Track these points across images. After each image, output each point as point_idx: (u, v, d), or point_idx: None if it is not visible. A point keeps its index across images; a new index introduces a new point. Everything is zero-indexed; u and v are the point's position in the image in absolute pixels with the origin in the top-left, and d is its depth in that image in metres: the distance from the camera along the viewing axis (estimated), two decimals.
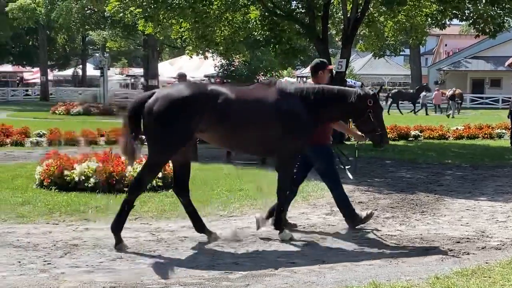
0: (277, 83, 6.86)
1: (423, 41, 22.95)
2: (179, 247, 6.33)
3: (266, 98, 6.54)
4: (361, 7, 17.15)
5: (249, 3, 17.28)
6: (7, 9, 39.40)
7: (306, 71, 53.21)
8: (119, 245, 6.21)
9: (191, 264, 5.75)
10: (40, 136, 17.18)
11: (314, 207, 8.57)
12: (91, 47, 58.73)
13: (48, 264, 5.62)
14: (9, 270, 5.37)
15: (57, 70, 65.64)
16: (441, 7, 17.34)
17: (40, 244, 6.28)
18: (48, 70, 54.27)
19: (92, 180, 9.14)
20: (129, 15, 16.19)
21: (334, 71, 17.31)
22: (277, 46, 18.59)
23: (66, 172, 9.28)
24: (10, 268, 5.45)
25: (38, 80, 61.37)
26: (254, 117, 6.44)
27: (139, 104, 6.33)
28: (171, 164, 9.82)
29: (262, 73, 37.30)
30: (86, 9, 34.66)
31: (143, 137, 6.52)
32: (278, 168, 6.89)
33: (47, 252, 6.01)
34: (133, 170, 9.37)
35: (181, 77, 13.96)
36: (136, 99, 6.56)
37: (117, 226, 6.30)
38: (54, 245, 6.29)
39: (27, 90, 55.71)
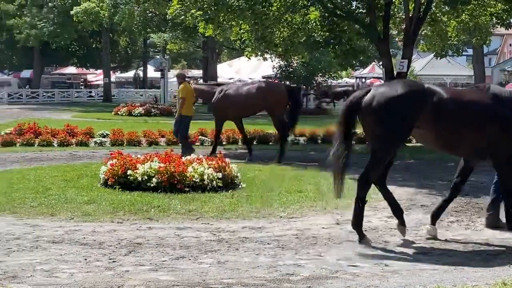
0: (490, 87, 6.92)
1: (487, 41, 22.34)
2: (240, 248, 6.36)
3: (482, 101, 6.63)
4: (423, 7, 16.84)
5: (308, 4, 17.22)
6: (72, 12, 40.50)
7: (365, 71, 52.65)
8: (363, 240, 6.51)
9: (252, 265, 5.76)
10: (104, 137, 17.57)
11: (375, 210, 8.45)
12: (152, 50, 59.79)
13: (113, 262, 5.74)
14: (76, 267, 5.52)
15: (119, 72, 67.18)
16: (507, 6, 16.83)
17: (105, 242, 6.43)
18: (111, 72, 55.53)
19: (154, 180, 9.30)
20: (190, 17, 16.38)
21: (395, 72, 17.10)
22: (336, 47, 18.46)
23: (129, 172, 9.47)
24: (77, 265, 5.60)
25: (101, 82, 62.90)
26: (471, 118, 6.54)
27: (356, 102, 6.60)
28: (231, 165, 9.98)
29: (320, 74, 37.05)
30: (147, 12, 35.27)
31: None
32: (498, 169, 6.90)
33: (112, 250, 6.14)
34: (193, 170, 9.53)
35: (179, 76, 14.24)
36: (352, 98, 6.75)
37: (357, 224, 6.59)
38: (119, 243, 6.42)
39: (90, 92, 57.12)
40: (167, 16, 21.00)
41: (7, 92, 47.81)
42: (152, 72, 61.92)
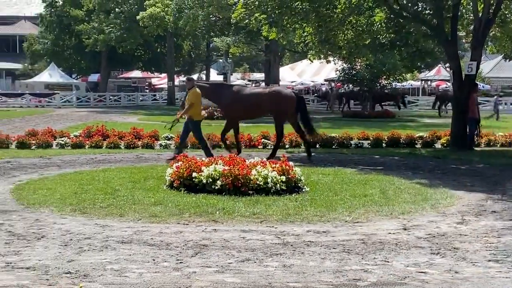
0: None
1: None
2: (305, 252, 6.32)
3: None
4: (492, 8, 16.35)
5: (374, 6, 17.01)
6: (138, 17, 41.47)
7: (431, 74, 51.58)
8: None
9: (318, 269, 5.72)
10: (168, 139, 17.85)
11: (443, 216, 8.25)
12: (214, 53, 60.47)
13: (180, 263, 5.81)
14: (145, 268, 5.61)
15: (182, 75, 68.22)
16: None
17: (173, 243, 6.52)
18: (175, 76, 56.47)
19: (218, 182, 9.37)
20: (253, 21, 16.46)
21: (463, 74, 16.67)
22: (402, 49, 18.16)
23: (194, 174, 9.58)
24: (145, 265, 5.70)
25: (165, 86, 64.07)
26: None
27: None
28: (295, 169, 9.95)
29: (384, 76, 36.54)
30: (211, 16, 35.72)
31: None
32: None
33: (179, 251, 6.22)
34: (257, 173, 9.55)
35: (190, 81, 14.06)
36: None
37: None
38: (185, 244, 6.50)
39: (154, 95, 58.28)
40: (231, 20, 21.16)
41: (75, 96, 49.35)
42: (214, 76, 62.59)
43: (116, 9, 48.19)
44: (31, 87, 53.61)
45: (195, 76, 67.30)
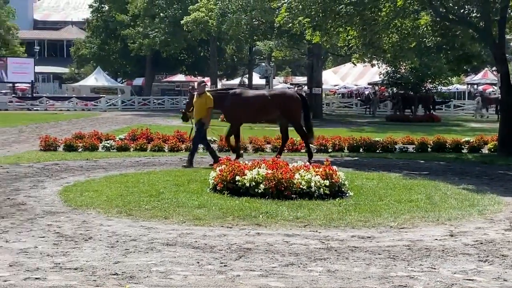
0: None
1: None
2: (350, 257, 6.27)
3: None
4: None
5: (419, 9, 16.78)
6: (182, 22, 41.91)
7: (477, 77, 50.54)
8: None
9: (362, 275, 5.66)
10: (212, 142, 17.93)
11: (491, 222, 8.07)
12: (257, 57, 60.61)
13: (224, 266, 5.83)
14: (189, 270, 5.65)
15: (225, 79, 68.61)
16: None
17: (216, 246, 6.55)
18: (217, 79, 56.84)
19: (261, 186, 9.38)
20: (297, 25, 16.44)
21: None
22: (449, 52, 17.86)
23: (237, 178, 9.61)
24: (190, 268, 5.73)
25: (208, 89, 64.49)
26: None
27: None
28: (339, 173, 9.89)
29: (429, 80, 36.00)
30: (254, 20, 35.82)
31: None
32: None
33: (223, 254, 6.24)
34: (300, 177, 9.52)
35: (201, 85, 13.88)
36: None
37: None
38: (229, 247, 6.52)
39: None
40: (275, 24, 21.18)
41: (120, 99, 50.15)
42: (256, 79, 62.75)
43: (161, 14, 48.81)
44: (78, 90, 54.78)
45: (237, 80, 67.66)
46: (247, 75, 63.65)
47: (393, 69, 35.65)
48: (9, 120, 30.98)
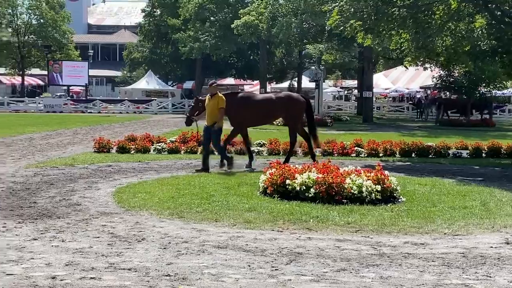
0: None
1: None
2: (403, 263, 6.17)
3: None
4: None
5: (474, 12, 16.42)
6: (232, 26, 42.21)
7: None
8: None
9: (416, 282, 5.56)
10: (261, 146, 18.00)
11: None
12: (307, 60, 60.50)
13: (275, 270, 5.82)
14: (240, 273, 5.66)
15: (274, 82, 68.70)
16: None
17: (267, 250, 6.55)
18: (267, 83, 56.98)
19: (312, 190, 9.33)
20: (349, 28, 16.32)
21: None
22: (504, 56, 17.40)
23: (288, 182, 9.59)
24: (241, 271, 5.75)
25: (257, 93, 64.69)
26: None
27: None
28: (390, 178, 9.76)
29: (484, 84, 35.18)
30: (304, 23, 35.78)
31: None
32: None
33: (273, 258, 6.23)
34: (352, 182, 9.43)
35: (214, 86, 13.54)
36: None
37: None
38: (280, 251, 6.51)
39: None
40: (326, 27, 21.08)
41: (171, 102, 50.81)
42: (306, 83, 62.59)
43: (211, 18, 49.28)
44: (130, 93, 55.80)
45: (286, 84, 67.66)
46: (296, 79, 63.61)
47: (446, 72, 35.00)
48: (64, 122, 31.79)
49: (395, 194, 9.70)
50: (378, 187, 9.37)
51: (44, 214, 8.35)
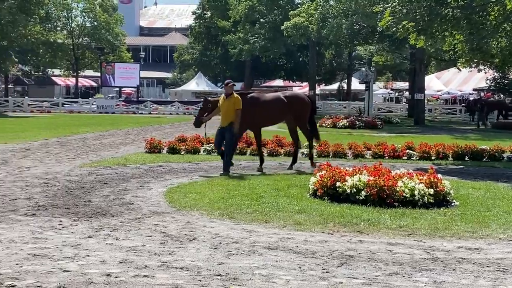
0: None
1: None
2: (457, 268, 6.05)
3: None
4: None
5: None
6: (282, 27, 42.23)
7: None
8: None
9: (470, 287, 5.45)
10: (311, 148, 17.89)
11: None
12: (357, 62, 60.02)
13: (326, 272, 5.79)
14: (291, 275, 5.66)
15: (323, 84, 68.40)
16: None
17: (318, 252, 6.52)
18: (316, 85, 56.78)
19: (363, 193, 9.25)
20: (401, 29, 16.11)
21: None
22: None
23: (338, 184, 9.53)
24: (292, 272, 5.74)
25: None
26: None
27: None
28: (443, 181, 9.58)
29: None
30: (355, 25, 35.51)
31: None
32: None
33: (324, 261, 6.20)
34: (404, 185, 9.31)
35: (229, 86, 13.11)
36: None
37: None
38: (331, 254, 6.47)
39: None
40: (378, 29, 20.87)
41: None
42: (356, 85, 62.12)
43: (261, 20, 49.42)
44: (180, 95, 56.51)
45: (335, 85, 67.26)
46: (346, 80, 63.18)
47: (500, 74, 34.18)
48: (116, 123, 32.41)
49: (448, 198, 9.54)
50: (431, 191, 9.23)
51: (99, 212, 8.53)
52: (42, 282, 5.22)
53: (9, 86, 63.42)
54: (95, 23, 63.11)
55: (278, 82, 70.36)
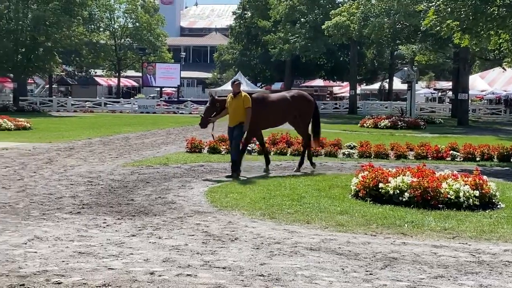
0: None
1: None
2: (503, 272, 5.91)
3: None
4: None
5: None
6: (323, 27, 42.01)
7: None
8: None
9: None
10: (351, 148, 17.79)
11: None
12: (399, 61, 59.33)
13: (370, 274, 5.72)
14: (334, 276, 5.61)
15: (364, 84, 67.84)
16: None
17: (361, 254, 6.45)
18: (356, 84, 56.34)
19: (406, 194, 9.12)
20: (445, 28, 15.83)
21: None
22: None
23: (380, 185, 9.43)
24: (335, 274, 5.69)
25: (346, 94, 64.13)
26: None
27: None
28: (489, 183, 9.38)
29: None
30: (397, 24, 35.08)
31: None
32: None
33: (367, 263, 6.13)
34: (448, 186, 9.15)
35: (234, 82, 12.69)
36: None
37: None
38: (374, 256, 6.40)
39: (335, 104, 58.56)
40: (421, 28, 20.54)
41: None
42: (397, 84, 61.40)
43: (302, 19, 49.25)
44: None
45: (377, 85, 66.63)
46: (387, 80, 62.52)
47: None
48: (157, 123, 32.77)
49: (493, 200, 9.35)
50: (476, 193, 9.05)
51: (141, 211, 8.63)
52: (87, 280, 5.29)
53: (53, 86, 64.78)
54: (137, 24, 63.97)
55: (318, 82, 70.06)
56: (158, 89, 62.58)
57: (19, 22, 42.19)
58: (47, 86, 65.74)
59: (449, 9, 15.37)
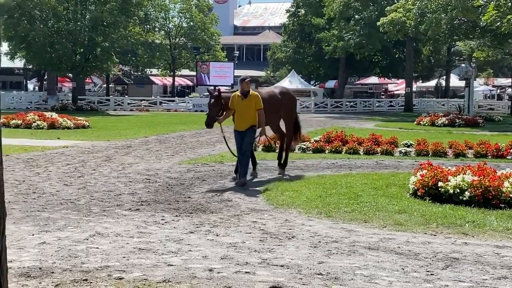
0: None
1: None
2: None
3: None
4: None
5: None
6: (378, 23, 41.47)
7: None
8: None
9: None
10: (408, 146, 17.49)
11: None
12: (456, 58, 58.03)
13: (431, 274, 5.61)
14: (394, 276, 5.52)
15: (420, 81, 66.67)
16: None
17: (421, 254, 6.34)
18: (412, 81, 55.41)
19: (467, 193, 8.91)
20: (506, 23, 15.39)
21: None
22: None
23: (440, 184, 9.23)
24: (395, 274, 5.60)
25: (401, 92, 63.17)
26: None
27: None
28: None
29: None
30: (455, 19, 34.31)
31: None
32: None
33: (428, 263, 6.01)
34: (510, 186, 8.88)
35: (244, 80, 11.37)
36: None
37: None
38: (435, 256, 6.27)
39: (391, 101, 57.78)
40: (481, 23, 20.02)
41: (313, 102, 50.99)
42: (455, 81, 60.09)
43: (356, 16, 48.78)
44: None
45: (433, 82, 65.34)
46: (444, 77, 61.25)
47: None
48: None
49: None
50: None
51: (199, 208, 8.70)
52: (148, 275, 5.37)
53: (110, 85, 66.17)
54: (191, 23, 64.68)
55: (373, 79, 69.26)
56: (212, 87, 63.13)
57: (77, 23, 43.24)
58: (104, 85, 67.21)
59: (510, 4, 14.94)
